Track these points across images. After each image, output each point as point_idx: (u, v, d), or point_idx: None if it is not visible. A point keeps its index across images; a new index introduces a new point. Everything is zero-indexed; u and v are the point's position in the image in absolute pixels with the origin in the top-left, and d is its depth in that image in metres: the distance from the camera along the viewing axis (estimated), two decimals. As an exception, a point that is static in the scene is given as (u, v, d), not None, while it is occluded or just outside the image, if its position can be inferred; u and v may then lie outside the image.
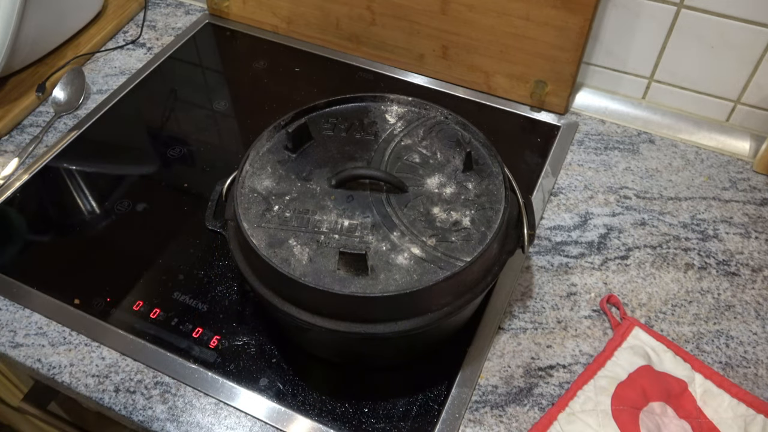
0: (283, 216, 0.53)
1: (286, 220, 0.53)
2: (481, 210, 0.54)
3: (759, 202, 0.72)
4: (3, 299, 0.64)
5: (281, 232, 0.52)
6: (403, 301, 0.48)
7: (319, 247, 0.51)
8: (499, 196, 0.55)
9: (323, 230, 0.52)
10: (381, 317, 0.49)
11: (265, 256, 0.49)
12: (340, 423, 0.55)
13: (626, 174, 0.75)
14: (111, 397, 0.57)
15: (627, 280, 0.65)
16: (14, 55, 0.82)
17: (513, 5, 0.74)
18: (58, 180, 0.76)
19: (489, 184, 0.56)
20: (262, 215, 0.53)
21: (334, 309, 0.49)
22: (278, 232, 0.52)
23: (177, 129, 0.82)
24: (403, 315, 0.49)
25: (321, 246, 0.51)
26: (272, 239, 0.51)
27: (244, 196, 0.54)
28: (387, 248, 0.51)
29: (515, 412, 0.56)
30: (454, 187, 0.55)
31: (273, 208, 0.53)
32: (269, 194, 0.54)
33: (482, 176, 0.56)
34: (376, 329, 0.49)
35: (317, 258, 0.50)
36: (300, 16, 0.90)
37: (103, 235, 0.70)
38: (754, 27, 0.70)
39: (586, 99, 0.83)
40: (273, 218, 0.53)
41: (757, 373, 0.59)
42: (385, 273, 0.49)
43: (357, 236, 0.52)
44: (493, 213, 0.53)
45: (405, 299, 0.48)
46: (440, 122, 0.61)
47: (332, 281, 0.49)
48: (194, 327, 0.61)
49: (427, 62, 0.86)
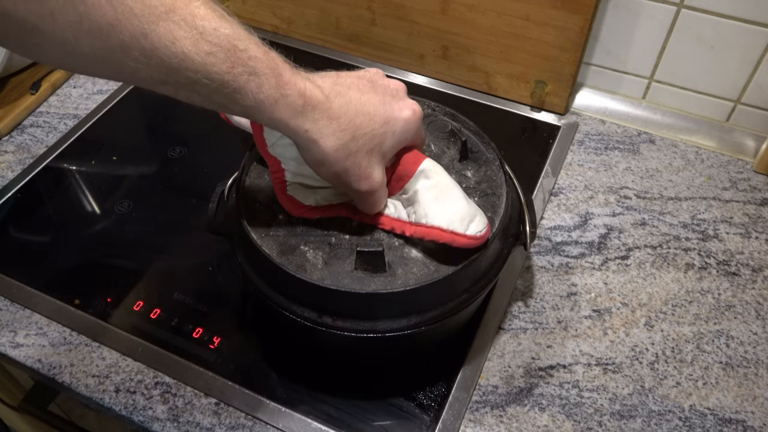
0: (289, 222, 0.53)
1: (293, 225, 0.52)
2: (483, 196, 0.54)
3: (759, 202, 0.72)
4: (3, 299, 0.64)
5: (291, 239, 0.51)
6: (425, 293, 0.48)
7: (332, 250, 0.50)
8: (499, 181, 0.55)
9: (333, 232, 0.52)
10: (404, 312, 0.49)
11: (279, 264, 0.49)
12: (339, 423, 0.55)
13: (626, 174, 0.75)
14: (111, 398, 0.57)
15: (627, 280, 0.65)
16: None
17: (513, 5, 0.74)
18: (58, 180, 0.76)
19: (487, 170, 0.56)
20: (268, 225, 0.52)
21: (356, 310, 0.49)
22: (288, 239, 0.51)
23: (177, 129, 0.82)
24: (425, 307, 0.49)
25: (334, 248, 0.51)
26: (283, 247, 0.51)
27: (247, 204, 0.54)
28: (399, 243, 0.51)
29: (515, 412, 0.56)
30: (454, 176, 0.55)
31: (278, 217, 0.53)
32: (272, 201, 0.54)
33: (479, 164, 0.56)
34: (400, 324, 0.49)
35: (332, 261, 0.50)
36: (300, 16, 0.90)
37: (103, 235, 0.70)
38: (754, 27, 0.70)
39: (586, 99, 0.83)
40: (280, 226, 0.52)
41: (757, 373, 0.59)
42: (402, 268, 0.49)
43: (368, 234, 0.51)
44: (496, 198, 0.54)
45: (427, 291, 0.48)
46: (428, 115, 0.61)
47: (351, 282, 0.48)
48: (194, 327, 0.61)
49: (427, 62, 0.86)
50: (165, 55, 0.36)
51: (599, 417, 0.56)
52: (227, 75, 0.38)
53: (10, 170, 0.77)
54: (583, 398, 0.57)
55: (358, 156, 0.45)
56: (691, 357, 0.60)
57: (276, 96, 0.40)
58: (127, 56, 0.35)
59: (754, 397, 0.57)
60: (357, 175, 0.46)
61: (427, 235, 0.49)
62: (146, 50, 0.35)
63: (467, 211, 0.49)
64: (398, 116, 0.47)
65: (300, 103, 0.42)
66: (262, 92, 0.40)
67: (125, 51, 0.35)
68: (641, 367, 0.59)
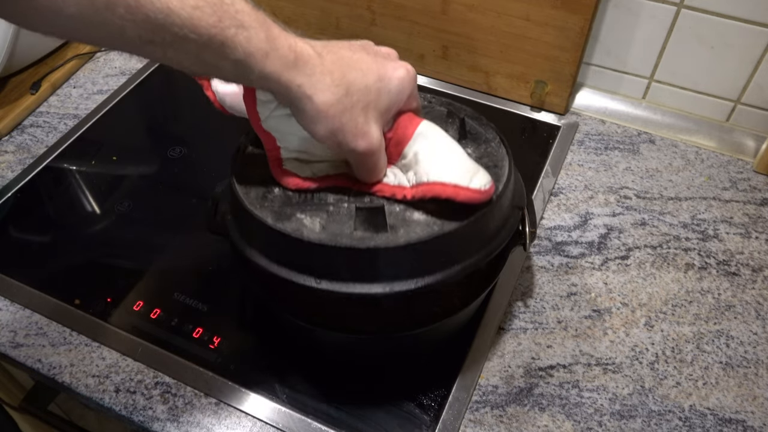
0: (285, 195, 0.50)
1: (289, 197, 0.50)
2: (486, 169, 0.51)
3: (759, 202, 0.72)
4: (3, 299, 0.64)
5: (287, 208, 0.48)
6: (430, 250, 0.45)
7: (330, 216, 0.48)
8: (501, 154, 0.53)
9: (331, 201, 0.49)
10: (406, 272, 0.46)
11: (273, 226, 0.46)
12: (339, 423, 0.55)
13: (626, 174, 0.75)
14: (111, 398, 0.57)
15: (627, 280, 0.65)
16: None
17: (513, 5, 0.74)
18: (58, 180, 0.76)
19: (487, 148, 0.54)
20: (263, 197, 0.50)
21: (357, 271, 0.46)
22: (283, 208, 0.48)
23: (177, 129, 0.82)
24: (429, 269, 0.46)
25: (332, 215, 0.48)
26: (278, 215, 0.48)
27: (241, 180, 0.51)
28: (401, 208, 0.48)
29: (515, 412, 0.56)
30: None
31: (273, 191, 0.51)
32: (267, 179, 0.52)
33: (479, 142, 0.55)
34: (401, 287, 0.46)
35: (330, 225, 0.47)
36: (300, 16, 0.90)
37: (103, 235, 0.70)
38: (754, 27, 0.70)
39: (586, 99, 0.83)
40: (275, 198, 0.50)
41: (757, 373, 0.59)
42: (404, 228, 0.46)
43: (368, 199, 0.49)
44: (499, 169, 0.52)
45: (431, 248, 0.45)
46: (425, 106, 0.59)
47: (351, 241, 0.45)
48: (194, 327, 0.61)
49: (427, 62, 0.86)
50: (151, 11, 0.36)
51: (599, 417, 0.56)
52: (214, 29, 0.38)
53: (10, 170, 0.77)
54: (583, 398, 0.57)
55: (354, 111, 0.44)
56: (691, 357, 0.60)
57: (266, 49, 0.40)
58: (113, 14, 0.35)
59: (754, 397, 0.57)
60: (353, 132, 0.44)
61: (429, 191, 0.46)
62: (131, 6, 0.35)
63: (470, 166, 0.47)
64: (392, 74, 0.46)
65: (291, 58, 0.41)
66: (251, 45, 0.39)
67: (111, 8, 0.35)
68: (641, 367, 0.59)
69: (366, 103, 0.44)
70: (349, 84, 0.43)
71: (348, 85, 0.43)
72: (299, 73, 0.41)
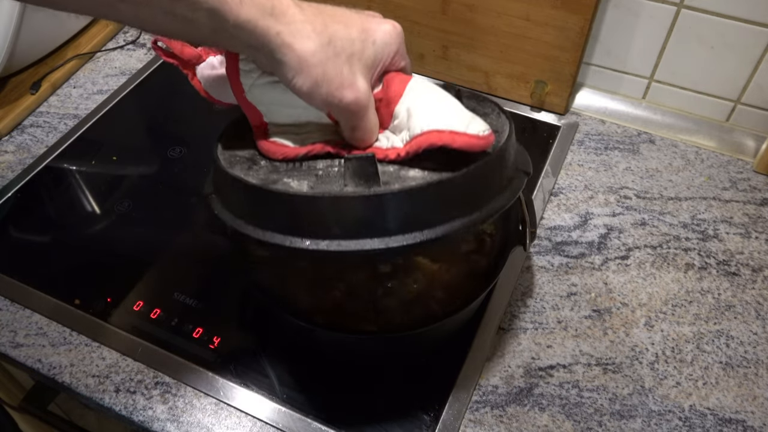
0: (272, 165, 0.47)
1: (276, 167, 0.47)
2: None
3: (759, 202, 0.72)
4: (3, 299, 0.64)
5: (273, 175, 0.46)
6: (426, 200, 0.42)
7: (318, 179, 0.45)
8: (501, 121, 0.51)
9: (320, 167, 0.46)
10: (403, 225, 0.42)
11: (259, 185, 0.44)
12: (339, 423, 0.55)
13: (626, 174, 0.75)
14: (111, 398, 0.57)
15: (627, 280, 0.65)
16: (14, 55, 0.82)
17: (513, 5, 0.74)
18: (58, 180, 0.76)
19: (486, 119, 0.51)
20: (249, 168, 0.47)
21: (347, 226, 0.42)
22: (269, 175, 0.46)
23: (177, 129, 0.82)
24: (422, 222, 0.43)
25: (320, 178, 0.45)
26: (264, 181, 0.45)
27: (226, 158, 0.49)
28: (395, 168, 0.45)
29: (515, 412, 0.56)
30: None
31: (260, 162, 0.48)
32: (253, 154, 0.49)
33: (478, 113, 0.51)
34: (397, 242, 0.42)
35: (319, 186, 0.44)
36: (300, 16, 0.90)
37: (104, 235, 0.70)
38: (754, 27, 0.70)
39: (586, 99, 0.83)
40: (261, 169, 0.47)
41: (757, 373, 0.59)
42: (398, 183, 0.43)
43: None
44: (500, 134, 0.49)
45: (427, 197, 0.42)
46: None
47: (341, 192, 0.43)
48: (194, 327, 0.61)
49: (427, 62, 0.86)
50: None
51: (599, 417, 0.56)
52: None
53: (10, 170, 0.77)
54: (583, 398, 0.57)
55: (338, 61, 0.41)
56: (691, 357, 0.60)
57: None
58: None
59: (754, 397, 0.57)
60: (339, 83, 0.42)
61: (424, 142, 0.43)
62: None
63: (465, 114, 0.45)
64: (376, 27, 0.44)
65: (268, 6, 0.39)
66: None
67: None
68: (641, 367, 0.59)
69: (350, 53, 0.42)
70: (332, 34, 0.41)
71: (331, 35, 0.41)
72: (277, 22, 0.40)
